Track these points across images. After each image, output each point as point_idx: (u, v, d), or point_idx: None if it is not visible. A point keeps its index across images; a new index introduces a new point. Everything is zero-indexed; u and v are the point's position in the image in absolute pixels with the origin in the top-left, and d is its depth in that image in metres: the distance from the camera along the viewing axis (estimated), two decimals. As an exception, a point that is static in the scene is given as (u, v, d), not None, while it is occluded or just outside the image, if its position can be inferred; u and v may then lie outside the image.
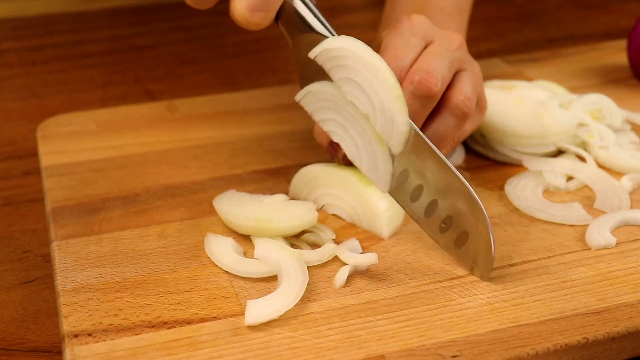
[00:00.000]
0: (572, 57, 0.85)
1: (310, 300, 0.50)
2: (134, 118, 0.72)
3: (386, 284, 0.52)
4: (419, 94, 0.55)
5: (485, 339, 0.47)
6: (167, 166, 0.65)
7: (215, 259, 0.53)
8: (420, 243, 0.55)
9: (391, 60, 0.57)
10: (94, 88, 0.87)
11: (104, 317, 0.49)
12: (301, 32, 0.55)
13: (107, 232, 0.57)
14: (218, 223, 0.57)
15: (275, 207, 0.56)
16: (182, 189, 0.62)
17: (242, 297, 0.50)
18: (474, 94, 0.58)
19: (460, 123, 0.58)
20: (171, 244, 0.55)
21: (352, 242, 0.55)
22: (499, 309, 0.49)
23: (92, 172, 0.64)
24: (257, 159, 0.66)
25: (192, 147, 0.68)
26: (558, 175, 0.63)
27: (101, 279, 0.52)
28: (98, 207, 0.59)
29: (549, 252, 0.55)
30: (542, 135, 0.65)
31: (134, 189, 0.62)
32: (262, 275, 0.52)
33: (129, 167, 0.65)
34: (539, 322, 0.48)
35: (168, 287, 0.51)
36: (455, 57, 0.58)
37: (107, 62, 0.94)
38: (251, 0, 0.52)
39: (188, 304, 0.50)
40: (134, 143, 0.68)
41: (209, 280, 0.52)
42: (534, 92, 0.72)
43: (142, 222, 0.58)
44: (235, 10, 0.52)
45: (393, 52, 0.57)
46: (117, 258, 0.54)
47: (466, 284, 0.52)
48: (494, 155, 0.66)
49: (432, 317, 0.49)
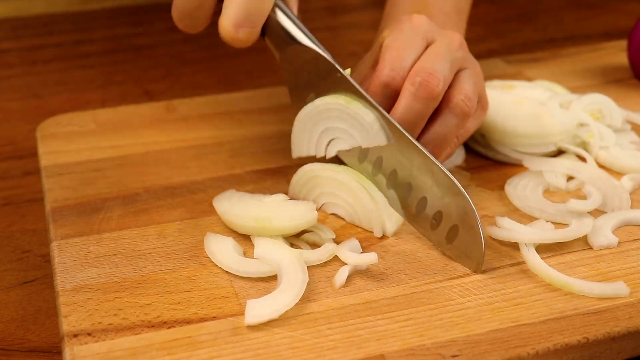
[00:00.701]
0: (572, 57, 0.85)
1: (310, 300, 0.50)
2: (133, 118, 0.72)
3: (386, 284, 0.52)
4: (421, 95, 0.55)
5: (486, 339, 0.47)
6: (167, 166, 0.65)
7: (215, 259, 0.53)
8: (420, 243, 0.55)
9: (393, 61, 0.57)
10: (93, 88, 0.87)
11: (104, 317, 0.49)
12: (288, 45, 0.57)
13: (107, 231, 0.57)
14: (218, 223, 0.57)
15: (275, 207, 0.56)
16: (182, 188, 0.62)
17: (241, 296, 0.50)
18: (474, 93, 0.58)
19: (462, 122, 0.58)
20: (171, 244, 0.55)
21: (352, 242, 0.55)
22: (499, 308, 0.49)
23: (91, 172, 0.64)
24: (257, 159, 0.66)
25: (191, 147, 0.68)
26: (558, 175, 0.63)
27: (101, 279, 0.52)
28: (98, 207, 0.59)
29: (549, 251, 0.54)
30: (543, 135, 0.65)
31: (133, 189, 0.62)
32: (262, 275, 0.52)
33: (128, 167, 0.65)
34: (539, 321, 0.48)
35: (168, 286, 0.51)
36: (456, 56, 0.58)
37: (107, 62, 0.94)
38: (236, 17, 0.53)
39: (188, 303, 0.50)
40: (134, 143, 0.68)
41: (208, 280, 0.52)
42: (534, 92, 0.72)
43: (142, 222, 0.58)
44: (221, 27, 0.54)
45: (395, 53, 0.57)
46: (117, 258, 0.54)
47: (466, 283, 0.51)
48: (494, 155, 0.66)
49: (432, 317, 0.49)
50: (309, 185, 0.59)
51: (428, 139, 0.57)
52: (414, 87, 0.56)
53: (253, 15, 0.54)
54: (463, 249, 0.53)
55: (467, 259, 0.53)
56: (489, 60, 0.84)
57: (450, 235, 0.53)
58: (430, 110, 0.57)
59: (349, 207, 0.57)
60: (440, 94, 0.56)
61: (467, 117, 0.58)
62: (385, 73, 0.57)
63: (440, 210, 0.53)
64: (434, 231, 0.54)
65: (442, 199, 0.53)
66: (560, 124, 0.66)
